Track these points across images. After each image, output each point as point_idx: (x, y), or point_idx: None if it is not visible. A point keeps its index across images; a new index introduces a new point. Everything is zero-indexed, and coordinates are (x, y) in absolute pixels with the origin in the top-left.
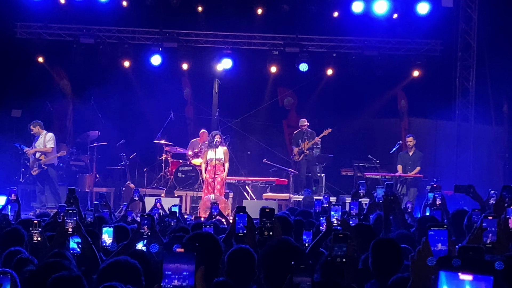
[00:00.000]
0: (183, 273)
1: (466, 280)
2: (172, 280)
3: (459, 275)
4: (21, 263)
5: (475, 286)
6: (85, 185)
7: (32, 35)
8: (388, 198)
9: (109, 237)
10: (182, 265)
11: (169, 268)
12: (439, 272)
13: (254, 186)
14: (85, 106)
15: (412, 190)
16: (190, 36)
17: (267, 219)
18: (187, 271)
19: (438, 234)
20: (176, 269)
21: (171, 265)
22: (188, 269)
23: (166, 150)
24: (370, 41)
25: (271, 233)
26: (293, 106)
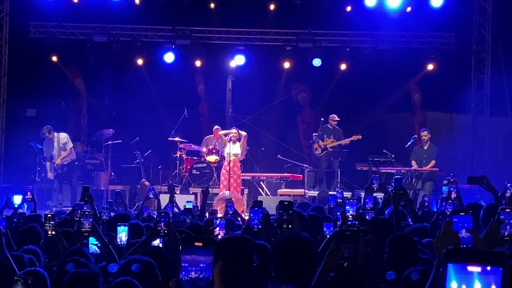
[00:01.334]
0: (200, 265)
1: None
2: (189, 272)
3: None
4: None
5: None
6: (100, 183)
7: (45, 35)
8: (397, 192)
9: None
10: (199, 257)
11: (186, 260)
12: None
13: (269, 182)
14: (99, 105)
15: (428, 184)
16: (203, 33)
17: (284, 211)
18: (204, 263)
19: (462, 220)
20: (193, 261)
21: (187, 257)
22: (205, 261)
23: (181, 147)
24: (384, 35)
25: (290, 225)
26: (307, 101)
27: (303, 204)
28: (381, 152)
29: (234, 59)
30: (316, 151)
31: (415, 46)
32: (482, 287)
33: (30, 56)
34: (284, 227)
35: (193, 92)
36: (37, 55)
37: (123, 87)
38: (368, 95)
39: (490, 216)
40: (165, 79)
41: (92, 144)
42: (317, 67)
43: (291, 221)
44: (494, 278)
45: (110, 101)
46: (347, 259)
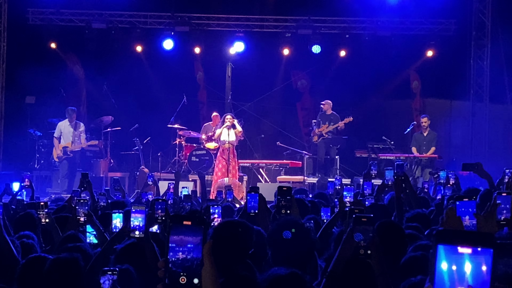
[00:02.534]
0: (188, 245)
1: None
2: (176, 253)
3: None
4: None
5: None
6: (99, 170)
7: (44, 21)
8: (399, 178)
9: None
10: (186, 237)
11: (173, 241)
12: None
13: (268, 169)
14: (98, 92)
15: (427, 170)
16: (202, 20)
17: (282, 197)
18: (192, 244)
19: (466, 206)
20: (181, 241)
21: (175, 237)
22: (193, 241)
23: (180, 135)
24: (383, 22)
25: (288, 211)
26: (307, 88)
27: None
28: (380, 138)
29: (234, 46)
30: (313, 138)
31: (414, 33)
32: (472, 267)
33: (29, 43)
34: (283, 212)
35: (192, 79)
36: (35, 42)
37: (122, 74)
38: (368, 81)
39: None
40: (164, 66)
41: (91, 131)
42: (317, 53)
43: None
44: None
45: (109, 88)
46: (363, 246)
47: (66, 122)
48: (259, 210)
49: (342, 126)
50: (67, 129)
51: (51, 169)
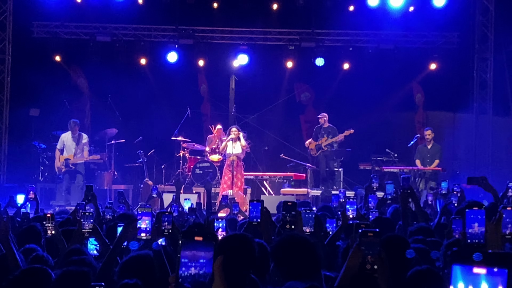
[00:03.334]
0: (200, 260)
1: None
2: (189, 268)
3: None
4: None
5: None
6: (103, 182)
7: (49, 34)
8: (405, 191)
9: None
10: (199, 253)
11: (185, 256)
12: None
13: (272, 182)
14: (102, 104)
15: (431, 183)
16: (206, 33)
17: (287, 212)
18: (204, 259)
19: (475, 214)
20: (193, 256)
21: (187, 253)
22: (205, 256)
23: (184, 147)
24: (386, 35)
25: (293, 226)
26: (310, 101)
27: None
28: (384, 151)
29: (237, 58)
30: (312, 151)
31: (417, 46)
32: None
33: (33, 55)
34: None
35: (196, 92)
36: (40, 55)
37: (126, 87)
38: (371, 94)
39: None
40: (168, 78)
41: (95, 144)
42: (320, 66)
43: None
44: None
45: (113, 101)
46: (370, 261)
47: (68, 134)
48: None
49: (342, 138)
50: (70, 141)
51: (55, 182)
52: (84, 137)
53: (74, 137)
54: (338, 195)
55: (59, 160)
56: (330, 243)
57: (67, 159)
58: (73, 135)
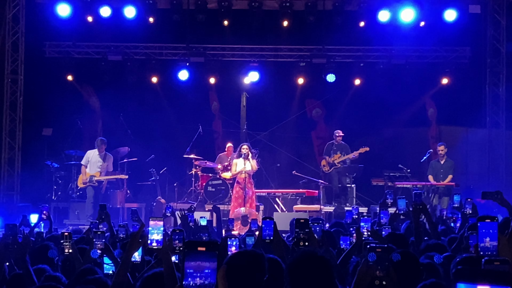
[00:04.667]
0: (205, 271)
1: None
2: (194, 278)
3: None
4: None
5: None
6: (116, 201)
7: (61, 54)
8: (417, 207)
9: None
10: (203, 263)
11: (190, 266)
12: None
13: (285, 198)
14: (114, 123)
15: (445, 199)
16: (216, 50)
17: (300, 230)
18: (209, 269)
19: (487, 227)
20: (198, 267)
21: (192, 263)
22: (210, 266)
23: (196, 165)
24: (398, 50)
25: (307, 243)
26: (322, 117)
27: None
28: (397, 167)
29: (248, 75)
30: (324, 168)
31: (429, 61)
32: None
33: (46, 75)
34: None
35: (207, 109)
36: (52, 75)
37: (138, 105)
38: (383, 110)
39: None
40: (179, 96)
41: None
42: (331, 82)
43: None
44: None
45: (125, 119)
46: (379, 277)
47: (95, 152)
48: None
49: (356, 155)
50: (96, 158)
51: (69, 201)
52: (110, 157)
53: (100, 155)
54: (351, 212)
55: (84, 175)
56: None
57: (92, 176)
58: (100, 153)
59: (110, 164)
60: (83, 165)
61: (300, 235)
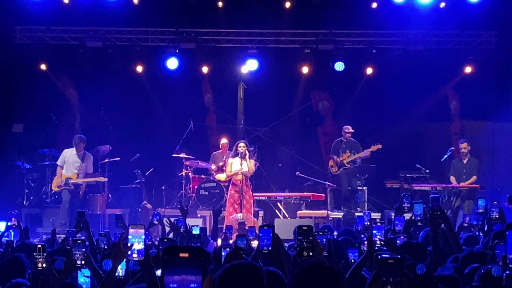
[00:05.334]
0: (190, 285)
1: None
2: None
3: None
4: None
5: None
6: (96, 206)
7: (33, 40)
8: (435, 213)
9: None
10: (188, 276)
11: (174, 281)
12: None
13: (287, 203)
14: (94, 118)
15: (468, 202)
16: (210, 36)
17: (304, 238)
18: (195, 283)
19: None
20: (182, 281)
21: (176, 277)
22: (196, 280)
23: (186, 165)
24: (415, 35)
25: (311, 253)
26: (329, 110)
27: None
28: (414, 167)
29: (246, 64)
30: (332, 169)
31: (450, 47)
32: None
33: (16, 64)
34: (305, 255)
35: (199, 102)
36: (23, 63)
37: (121, 98)
38: (398, 102)
39: None
40: (168, 88)
41: None
42: (340, 71)
43: (311, 248)
44: None
45: (106, 114)
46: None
47: (73, 151)
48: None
49: (368, 154)
50: (73, 158)
51: (42, 206)
52: (90, 157)
53: (79, 155)
54: (362, 217)
55: (60, 177)
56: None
57: (68, 178)
58: (78, 152)
59: (89, 165)
60: (58, 165)
61: (303, 243)
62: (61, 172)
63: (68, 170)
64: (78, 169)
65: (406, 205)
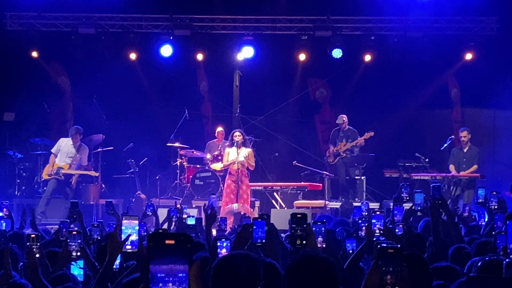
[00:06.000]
0: (179, 274)
1: None
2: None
3: None
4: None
5: None
6: (89, 197)
7: (24, 27)
8: (436, 202)
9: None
10: (177, 266)
11: (161, 270)
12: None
13: (284, 193)
14: (86, 106)
15: (468, 192)
16: (204, 22)
17: (297, 226)
18: (183, 272)
19: None
20: (169, 270)
21: (163, 267)
22: (183, 269)
23: (181, 154)
24: (414, 21)
25: (304, 242)
26: (326, 99)
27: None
28: (413, 156)
29: (242, 51)
30: (329, 158)
31: (450, 33)
32: None
33: (7, 51)
34: (298, 243)
35: (194, 90)
36: (14, 50)
37: (114, 86)
38: (397, 90)
39: None
40: (162, 75)
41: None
42: (338, 58)
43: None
44: None
45: (99, 102)
46: (390, 283)
47: (69, 141)
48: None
49: (362, 142)
50: (68, 148)
51: (34, 197)
52: (86, 150)
53: (75, 145)
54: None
55: (52, 166)
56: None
57: (60, 168)
58: (74, 143)
59: (84, 157)
60: (52, 153)
61: (297, 231)
62: (54, 161)
63: (61, 159)
64: (72, 160)
65: (405, 195)
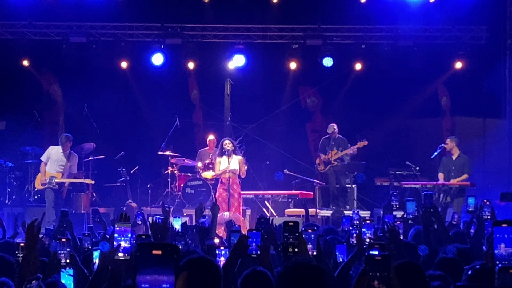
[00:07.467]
0: (163, 285)
1: None
2: None
3: None
4: None
5: None
6: (80, 205)
7: (15, 35)
8: (428, 210)
9: None
10: (161, 276)
11: (146, 281)
12: None
13: (275, 201)
14: (77, 115)
15: (457, 200)
16: (196, 31)
17: (290, 234)
18: (167, 283)
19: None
20: (154, 281)
21: (148, 277)
22: (168, 280)
23: (172, 163)
24: (404, 30)
25: (296, 249)
26: (318, 107)
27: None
28: (404, 164)
29: (233, 59)
30: (319, 167)
31: (440, 42)
32: None
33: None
34: (290, 251)
35: (185, 99)
36: (5, 59)
37: (105, 94)
38: (388, 98)
39: None
40: (153, 84)
41: None
42: (328, 67)
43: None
44: None
45: (90, 111)
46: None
47: (59, 149)
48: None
49: (355, 151)
50: (58, 156)
51: (25, 205)
52: (75, 158)
53: (65, 153)
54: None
55: (44, 175)
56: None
57: (52, 177)
58: (64, 151)
59: (74, 165)
60: (43, 161)
61: (289, 239)
62: (45, 169)
63: (52, 167)
64: (63, 168)
65: (395, 203)
